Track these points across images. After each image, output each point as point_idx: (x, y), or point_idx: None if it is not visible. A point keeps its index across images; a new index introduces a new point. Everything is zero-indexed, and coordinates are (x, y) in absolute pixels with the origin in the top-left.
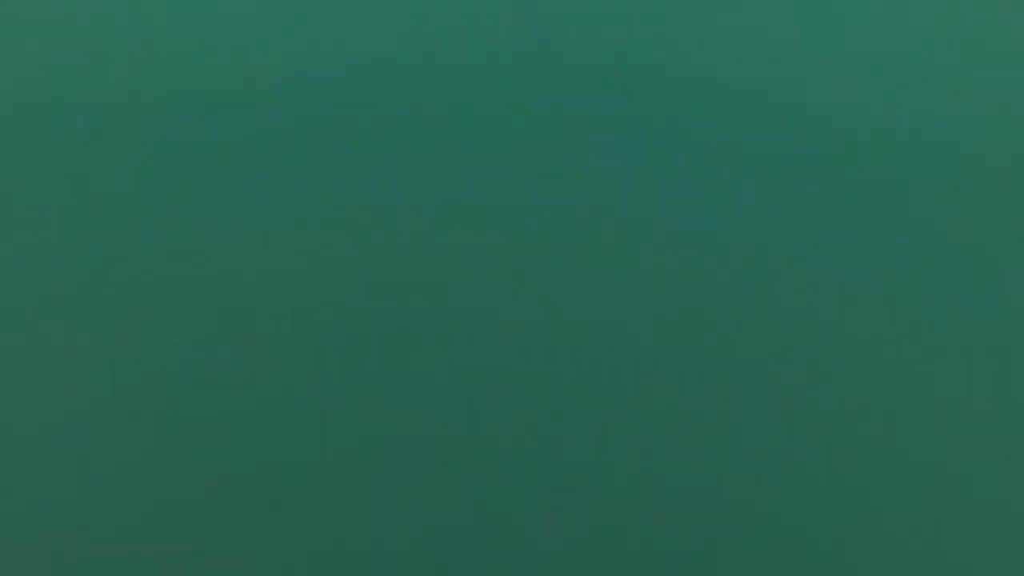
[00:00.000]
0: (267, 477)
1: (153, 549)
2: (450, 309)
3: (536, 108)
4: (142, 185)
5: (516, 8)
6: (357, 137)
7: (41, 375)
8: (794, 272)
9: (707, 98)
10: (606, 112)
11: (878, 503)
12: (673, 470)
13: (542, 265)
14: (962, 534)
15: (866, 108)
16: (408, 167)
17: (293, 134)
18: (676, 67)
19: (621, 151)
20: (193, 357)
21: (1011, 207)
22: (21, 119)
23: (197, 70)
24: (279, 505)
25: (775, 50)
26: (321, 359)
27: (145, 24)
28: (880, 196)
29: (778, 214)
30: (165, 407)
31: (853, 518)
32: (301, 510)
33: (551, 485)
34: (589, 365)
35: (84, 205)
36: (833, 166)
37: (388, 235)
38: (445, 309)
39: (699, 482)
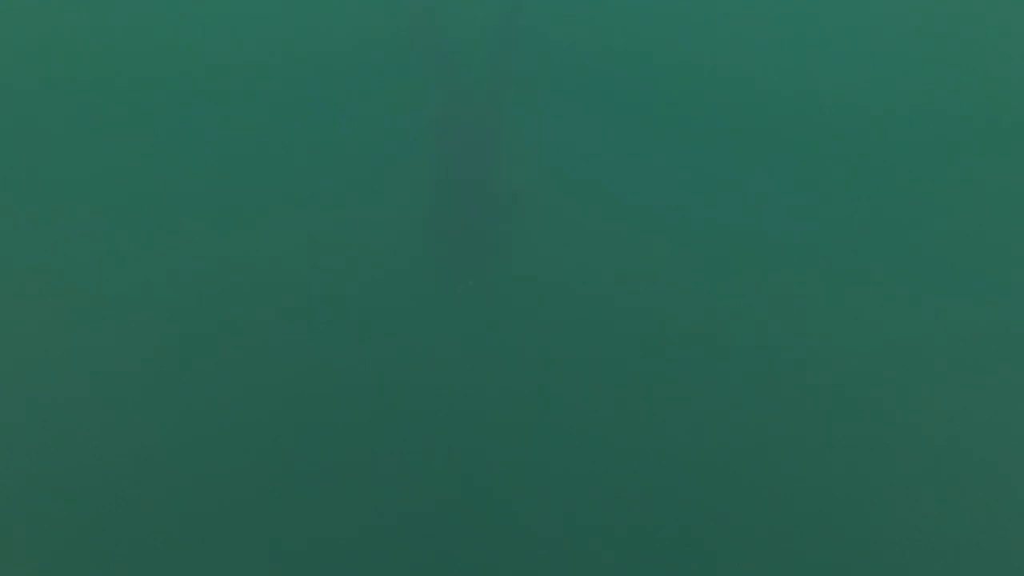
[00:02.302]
0: (262, 471)
1: (152, 546)
2: (447, 296)
3: (536, 105)
4: (138, 176)
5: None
6: (351, 126)
7: (36, 368)
8: (803, 263)
9: (720, 91)
10: (613, 102)
11: (893, 493)
12: (677, 465)
13: (550, 255)
14: (973, 526)
15: (875, 99)
16: (406, 165)
17: (287, 127)
18: (691, 58)
19: (629, 141)
20: (187, 355)
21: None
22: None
23: (198, 65)
24: (275, 500)
25: (786, 43)
26: (319, 350)
27: (141, 22)
28: (895, 186)
29: (793, 204)
30: (161, 402)
31: (864, 509)
32: (297, 505)
33: (554, 477)
34: (599, 353)
35: (75, 200)
36: (843, 157)
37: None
38: (444, 298)
39: (701, 480)
